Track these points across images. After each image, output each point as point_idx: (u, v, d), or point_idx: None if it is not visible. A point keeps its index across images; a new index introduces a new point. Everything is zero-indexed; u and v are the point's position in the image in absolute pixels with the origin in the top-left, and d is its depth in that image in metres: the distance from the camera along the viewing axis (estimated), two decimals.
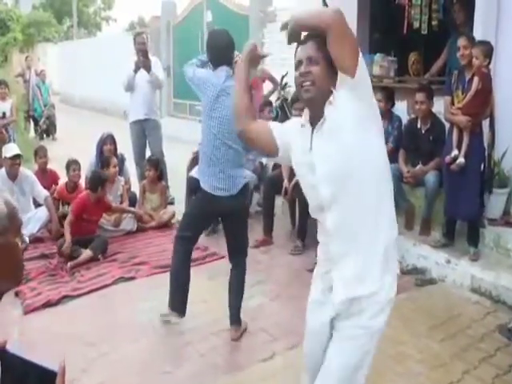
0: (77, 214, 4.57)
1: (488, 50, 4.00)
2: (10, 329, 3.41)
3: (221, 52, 3.12)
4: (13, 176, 4.99)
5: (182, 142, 8.26)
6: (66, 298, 3.81)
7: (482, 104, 4.07)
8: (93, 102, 16.22)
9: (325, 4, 5.89)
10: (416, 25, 5.53)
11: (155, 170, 5.46)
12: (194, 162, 5.32)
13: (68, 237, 4.43)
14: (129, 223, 5.14)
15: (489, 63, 4.03)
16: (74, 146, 6.97)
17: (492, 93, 4.13)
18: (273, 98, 6.91)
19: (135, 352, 3.11)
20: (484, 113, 4.14)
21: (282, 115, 6.72)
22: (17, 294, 3.85)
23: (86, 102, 16.77)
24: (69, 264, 4.25)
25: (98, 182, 4.67)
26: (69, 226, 4.52)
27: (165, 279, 4.15)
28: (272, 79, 6.76)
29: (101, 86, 14.66)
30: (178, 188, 5.69)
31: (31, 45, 22.25)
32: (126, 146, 6.12)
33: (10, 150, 5.12)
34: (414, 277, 4.20)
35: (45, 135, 10.98)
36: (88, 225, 4.67)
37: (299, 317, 3.50)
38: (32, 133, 10.91)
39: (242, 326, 3.32)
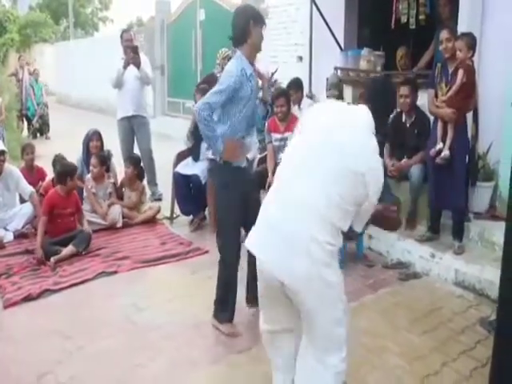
0: (48, 212, 4.51)
1: (472, 42, 3.97)
2: None
3: (234, 33, 3.04)
4: None
5: (175, 141, 8.24)
6: (46, 292, 3.78)
7: (467, 96, 4.04)
8: (89, 102, 16.22)
9: (314, 3, 5.89)
10: (404, 19, 5.51)
11: (134, 168, 5.42)
12: (180, 157, 5.31)
13: (39, 240, 4.36)
14: (115, 215, 5.11)
15: (472, 55, 4.00)
16: (66, 144, 6.94)
17: (476, 85, 4.11)
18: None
19: (111, 345, 3.09)
20: (469, 105, 4.12)
21: (272, 112, 6.69)
22: None
23: (82, 102, 16.78)
24: (52, 259, 4.22)
25: (65, 174, 4.62)
26: (42, 228, 4.45)
27: (145, 274, 4.16)
28: (261, 76, 6.73)
29: (97, 85, 14.63)
30: (168, 185, 5.65)
31: (28, 45, 22.27)
32: (117, 143, 6.13)
33: None
34: (398, 271, 4.17)
35: (38, 134, 10.98)
36: (64, 221, 4.60)
37: None
38: (25, 131, 10.90)
39: (223, 327, 3.20)
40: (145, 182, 5.72)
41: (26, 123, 11.02)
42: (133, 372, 2.82)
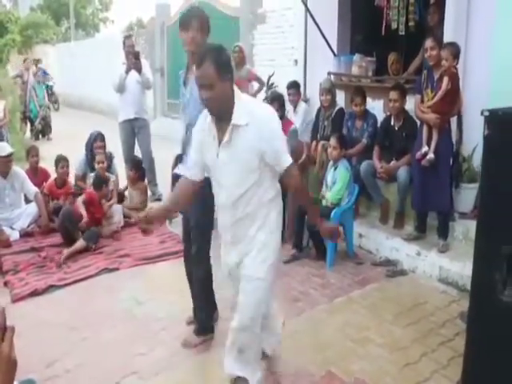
0: (89, 200, 5.03)
1: (457, 51, 4.15)
2: None
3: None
4: (4, 173, 5.18)
5: (175, 142, 8.41)
6: (52, 287, 4.00)
7: (451, 102, 4.23)
8: (90, 103, 16.41)
9: (305, 6, 6.09)
10: (394, 26, 5.70)
11: (135, 171, 5.68)
12: (179, 159, 5.49)
13: (84, 212, 4.96)
14: (117, 216, 5.35)
15: (457, 63, 4.19)
16: (68, 146, 7.16)
17: (460, 92, 4.31)
18: (260, 97, 7.07)
19: (114, 336, 3.31)
20: (453, 111, 4.31)
21: None
22: (5, 284, 4.07)
23: (84, 103, 16.96)
24: (65, 251, 4.49)
25: (101, 182, 5.08)
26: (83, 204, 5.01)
27: (145, 270, 4.38)
28: (258, 79, 6.95)
29: (98, 87, 14.83)
30: (167, 185, 5.86)
31: (29, 46, 22.44)
32: (118, 145, 6.34)
33: (4, 149, 5.29)
34: (386, 268, 4.37)
35: (40, 135, 11.18)
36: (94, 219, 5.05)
37: None
38: (28, 133, 11.10)
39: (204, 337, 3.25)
40: (145, 182, 5.95)
41: (28, 125, 11.22)
42: (134, 360, 3.04)
